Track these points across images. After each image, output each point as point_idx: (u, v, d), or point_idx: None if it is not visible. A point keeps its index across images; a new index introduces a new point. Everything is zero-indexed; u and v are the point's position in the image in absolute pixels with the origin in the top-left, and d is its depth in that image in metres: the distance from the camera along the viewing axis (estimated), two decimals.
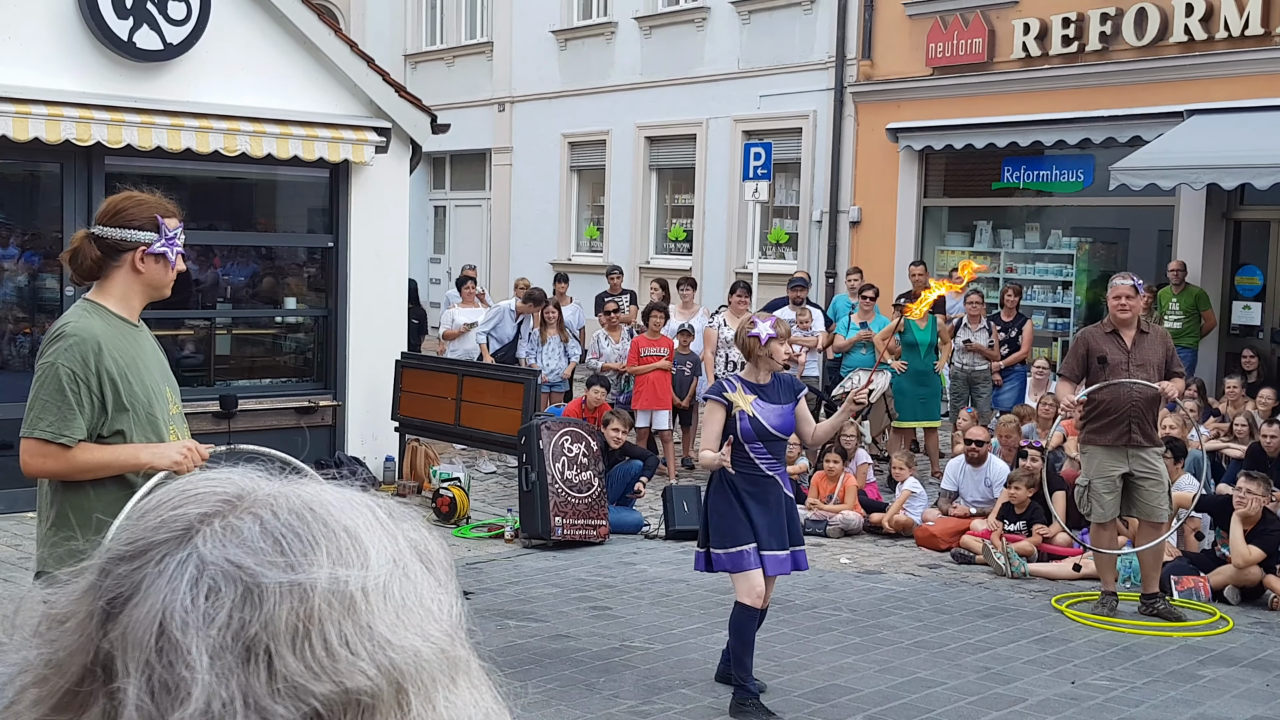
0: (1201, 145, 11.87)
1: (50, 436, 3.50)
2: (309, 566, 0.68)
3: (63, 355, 3.53)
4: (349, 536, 0.70)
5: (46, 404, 3.52)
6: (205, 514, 0.70)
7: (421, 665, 0.69)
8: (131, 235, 3.61)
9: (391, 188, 10.72)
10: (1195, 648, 6.90)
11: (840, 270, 15.37)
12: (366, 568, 0.70)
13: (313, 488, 0.73)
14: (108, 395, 3.57)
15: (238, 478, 0.74)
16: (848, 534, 9.49)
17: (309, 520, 0.70)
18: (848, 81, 15.56)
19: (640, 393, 11.24)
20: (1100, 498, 7.40)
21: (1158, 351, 7.41)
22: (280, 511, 0.70)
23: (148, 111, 9.18)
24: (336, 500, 0.73)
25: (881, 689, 6.02)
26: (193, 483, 0.73)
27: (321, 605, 0.67)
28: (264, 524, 0.69)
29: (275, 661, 0.65)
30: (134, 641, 0.66)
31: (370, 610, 0.69)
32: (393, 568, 0.71)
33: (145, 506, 0.73)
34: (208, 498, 0.72)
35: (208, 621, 0.66)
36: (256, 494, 0.72)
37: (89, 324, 3.59)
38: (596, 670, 6.14)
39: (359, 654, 0.67)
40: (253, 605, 0.66)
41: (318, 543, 0.69)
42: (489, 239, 20.87)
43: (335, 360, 10.57)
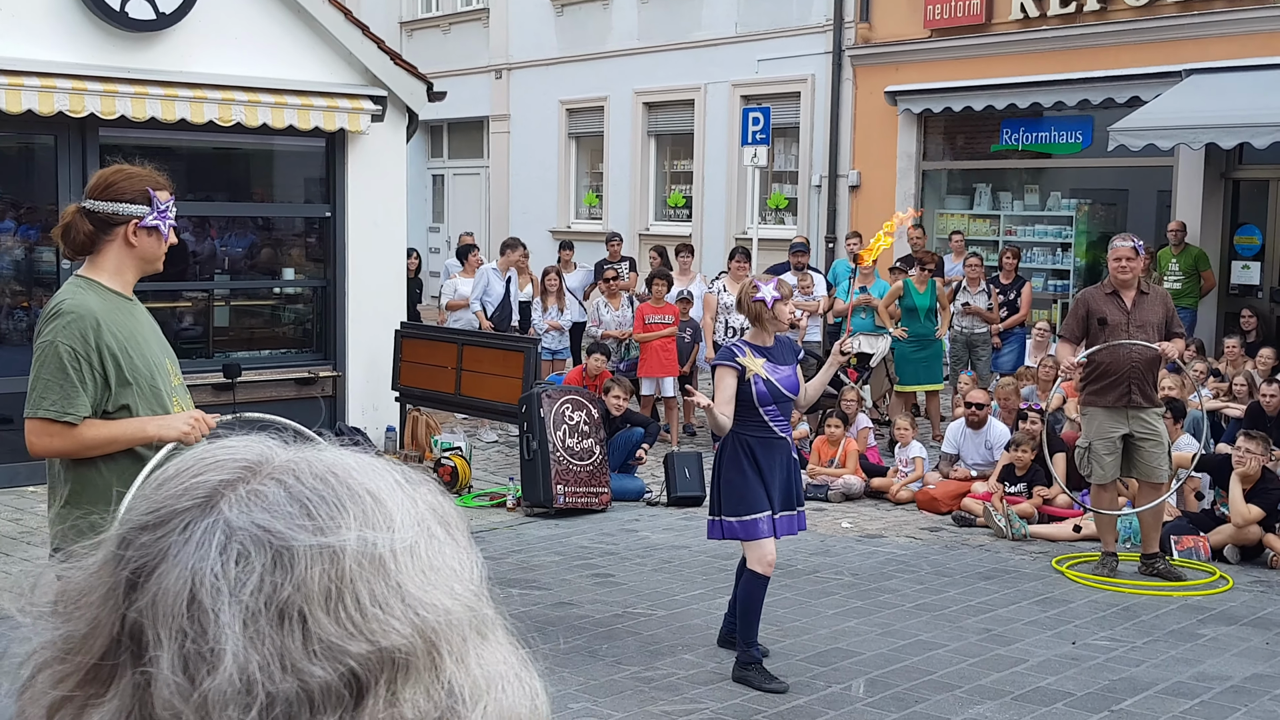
0: (1200, 105, 11.82)
1: (55, 415, 3.50)
2: (337, 529, 0.68)
3: (61, 333, 3.51)
4: (373, 500, 0.71)
5: (49, 383, 3.51)
6: (227, 480, 0.70)
7: (452, 623, 0.70)
8: (123, 209, 3.59)
9: (388, 156, 10.68)
10: (1195, 607, 6.93)
11: (840, 235, 15.34)
12: (393, 529, 0.70)
13: (331, 453, 0.74)
14: (110, 371, 3.56)
15: (255, 444, 0.74)
16: (849, 498, 9.51)
17: (333, 484, 0.71)
18: (846, 45, 15.47)
19: (646, 360, 11.23)
20: (1100, 459, 7.41)
21: (1158, 312, 7.41)
22: (304, 476, 0.71)
23: (141, 82, 9.14)
24: (357, 465, 0.73)
25: (883, 652, 6.06)
26: (211, 450, 0.73)
27: (352, 567, 0.68)
28: (289, 489, 0.70)
29: (310, 623, 0.66)
30: (164, 610, 0.66)
31: (400, 570, 0.69)
32: (417, 529, 0.72)
33: (164, 475, 0.73)
34: (228, 464, 0.72)
35: (239, 586, 0.66)
36: (276, 460, 0.72)
37: (85, 300, 3.58)
38: (599, 637, 6.17)
39: (392, 613, 0.68)
40: (284, 569, 0.67)
41: (344, 506, 0.70)
42: (488, 207, 20.81)
43: (335, 331, 10.56)
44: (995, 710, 5.36)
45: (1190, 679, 5.77)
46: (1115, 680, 5.73)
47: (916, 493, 9.42)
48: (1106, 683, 5.70)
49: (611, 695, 5.40)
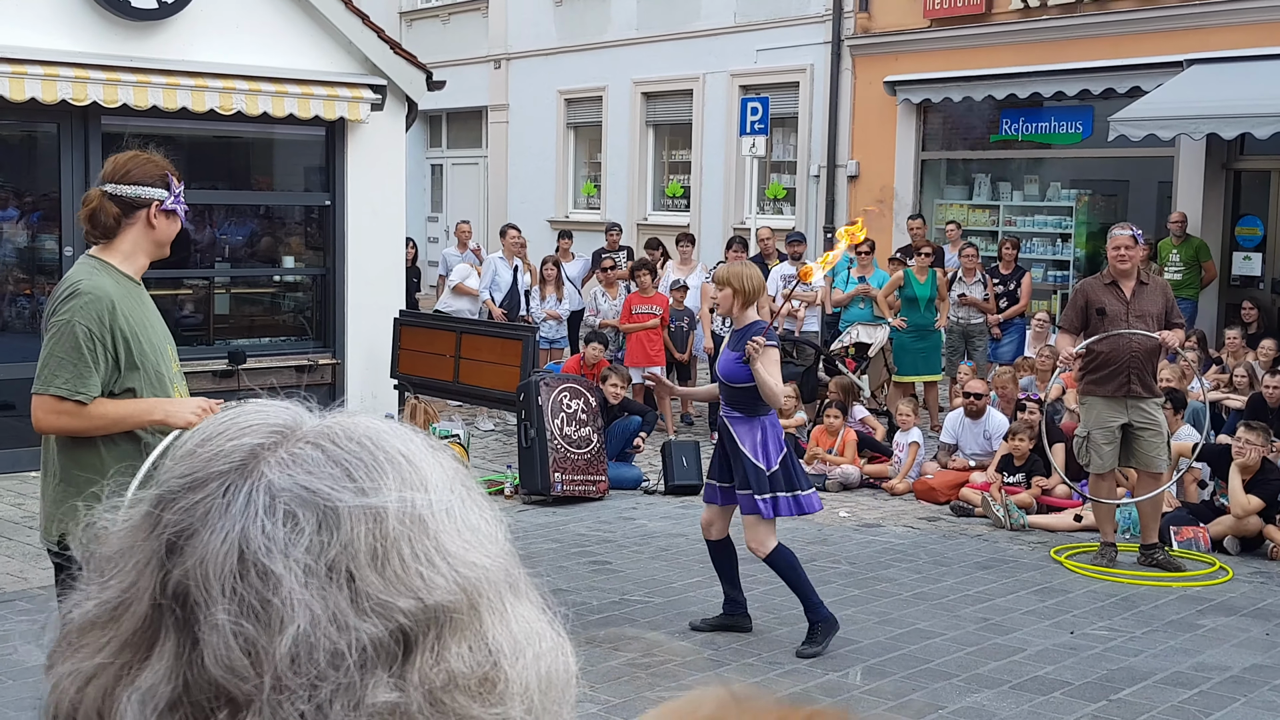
0: (1201, 95, 11.81)
1: (66, 394, 3.53)
2: (378, 491, 0.70)
3: (79, 313, 3.56)
4: (408, 463, 0.72)
5: (62, 361, 3.54)
6: (264, 443, 0.71)
7: (490, 580, 0.72)
8: (145, 192, 3.68)
9: (388, 145, 10.68)
10: (1194, 597, 6.95)
11: (838, 225, 15.33)
12: (429, 491, 0.72)
13: (361, 418, 0.75)
14: (120, 353, 3.61)
15: (286, 408, 0.75)
16: (847, 487, 9.53)
17: (369, 448, 0.72)
18: (845, 34, 15.45)
19: (631, 350, 11.24)
20: (1099, 448, 7.42)
21: (1157, 302, 7.41)
22: (340, 440, 0.72)
23: (144, 71, 9.13)
24: (388, 429, 0.75)
25: (881, 640, 6.07)
26: (243, 414, 0.74)
27: (395, 526, 0.69)
28: (327, 452, 0.71)
29: (358, 581, 0.67)
30: (215, 572, 0.66)
31: (440, 529, 0.71)
32: (451, 491, 0.74)
33: (194, 442, 0.73)
34: (262, 427, 0.73)
35: (292, 545, 0.67)
36: (309, 424, 0.73)
37: (101, 282, 3.63)
38: (596, 624, 6.18)
39: (436, 570, 0.69)
40: (330, 528, 0.68)
41: (383, 469, 0.71)
42: (486, 197, 20.80)
43: (334, 318, 10.57)
44: (993, 699, 5.38)
45: (1189, 669, 5.79)
46: (1114, 670, 5.75)
47: (914, 482, 9.44)
48: (1105, 672, 5.72)
49: (608, 682, 5.42)
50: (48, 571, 6.64)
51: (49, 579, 6.52)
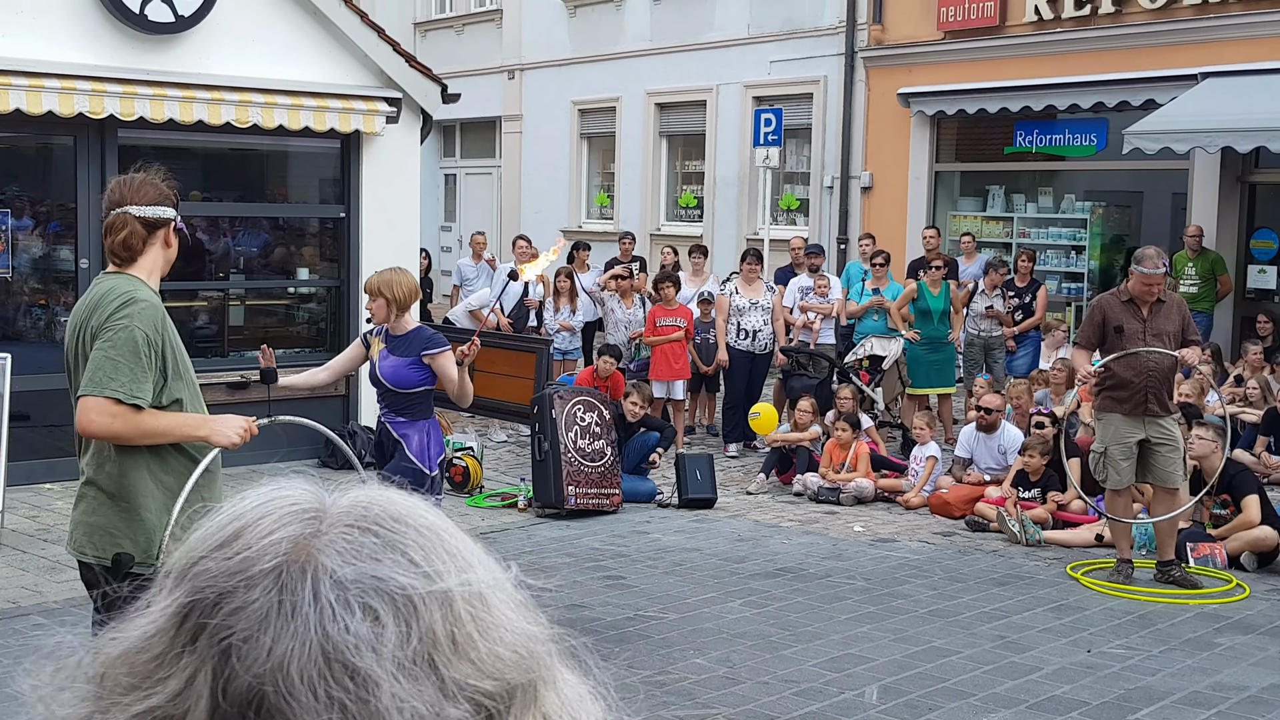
0: (1216, 108, 11.78)
1: (124, 397, 3.56)
2: (440, 572, 0.69)
3: (138, 320, 3.61)
4: (442, 538, 0.72)
5: (119, 365, 3.57)
6: (304, 533, 0.69)
7: (545, 649, 0.72)
8: (164, 212, 3.78)
9: (403, 157, 10.70)
10: (1211, 615, 6.91)
11: (852, 236, 15.33)
12: (475, 565, 0.72)
13: (382, 494, 0.74)
14: (169, 363, 3.69)
15: (301, 490, 0.73)
16: (861, 502, 9.50)
17: (414, 525, 0.71)
18: (859, 46, 15.45)
19: (655, 363, 11.23)
20: (1116, 464, 7.39)
21: (1174, 320, 7.39)
22: (384, 521, 0.71)
23: (160, 84, 9.17)
24: (408, 503, 0.74)
25: (896, 658, 6.05)
26: (265, 501, 0.72)
27: (464, 609, 0.69)
28: (380, 537, 0.69)
29: (441, 668, 0.67)
30: (300, 675, 0.64)
31: (498, 603, 0.71)
32: (480, 554, 0.74)
33: (223, 535, 0.70)
34: (296, 514, 0.70)
35: (379, 641, 0.65)
36: (337, 505, 0.72)
37: (150, 294, 3.73)
38: (610, 640, 6.17)
39: (506, 644, 0.69)
40: (407, 618, 0.67)
41: (434, 547, 0.70)
42: (499, 207, 20.84)
43: (348, 330, 10.57)
44: (1010, 718, 5.35)
45: (1207, 689, 5.75)
46: (1131, 689, 5.72)
47: (929, 497, 9.41)
48: (1122, 691, 5.69)
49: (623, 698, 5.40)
50: (64, 585, 6.66)
51: (65, 592, 6.55)
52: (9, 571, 7.17)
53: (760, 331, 11.27)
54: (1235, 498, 7.97)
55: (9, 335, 9.43)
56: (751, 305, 11.30)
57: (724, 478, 10.04)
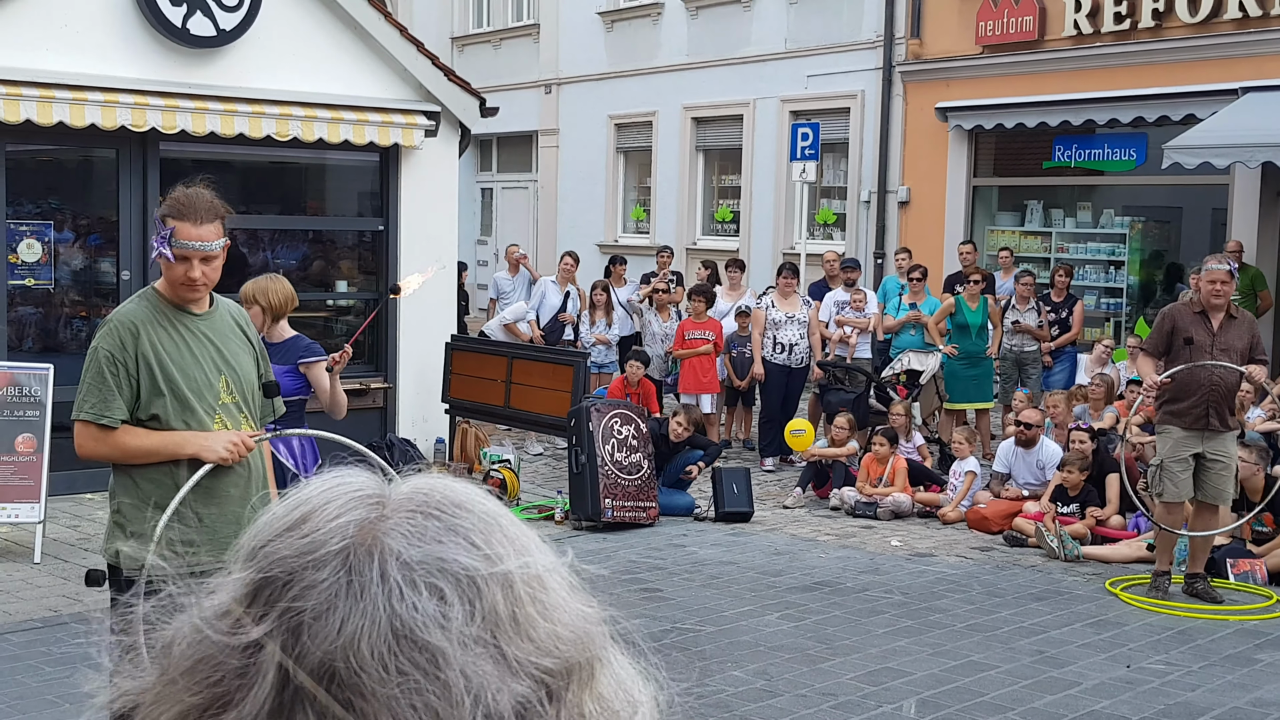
0: (1256, 123, 11.67)
1: (92, 418, 3.60)
2: (501, 554, 0.71)
3: (103, 339, 3.67)
4: (500, 524, 0.74)
5: (90, 386, 3.65)
6: (369, 517, 0.71)
7: (602, 629, 0.75)
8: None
9: (441, 171, 10.78)
10: (1251, 631, 6.83)
11: (889, 251, 15.28)
12: (531, 548, 0.74)
13: (440, 482, 0.76)
14: (143, 378, 3.66)
15: (364, 478, 0.75)
16: (898, 516, 9.46)
17: (475, 511, 0.73)
18: (896, 60, 15.43)
19: (684, 377, 11.23)
20: (1174, 477, 7.32)
21: (1243, 337, 7.32)
22: (445, 506, 0.73)
23: (201, 97, 9.29)
24: (471, 491, 0.76)
25: (934, 672, 6.02)
26: (328, 488, 0.74)
27: (523, 590, 0.71)
28: (444, 521, 0.72)
29: (504, 645, 0.69)
30: (371, 651, 0.66)
31: (554, 584, 0.73)
32: (533, 539, 0.75)
33: (291, 519, 0.72)
34: (360, 500, 0.73)
35: (446, 618, 0.68)
36: (397, 492, 0.74)
37: (132, 309, 3.73)
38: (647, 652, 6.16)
39: (564, 624, 0.72)
40: (471, 598, 0.69)
41: (493, 533, 0.72)
42: (536, 221, 20.92)
43: (386, 343, 10.66)
44: None
45: (1247, 704, 5.69)
46: (1170, 705, 5.66)
47: (967, 512, 9.36)
48: (1162, 707, 5.63)
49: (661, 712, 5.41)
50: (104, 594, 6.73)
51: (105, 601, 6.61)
52: (50, 580, 7.26)
53: (796, 345, 11.26)
54: (1277, 515, 7.87)
55: (51, 347, 9.55)
56: (788, 319, 11.29)
57: (760, 492, 10.02)
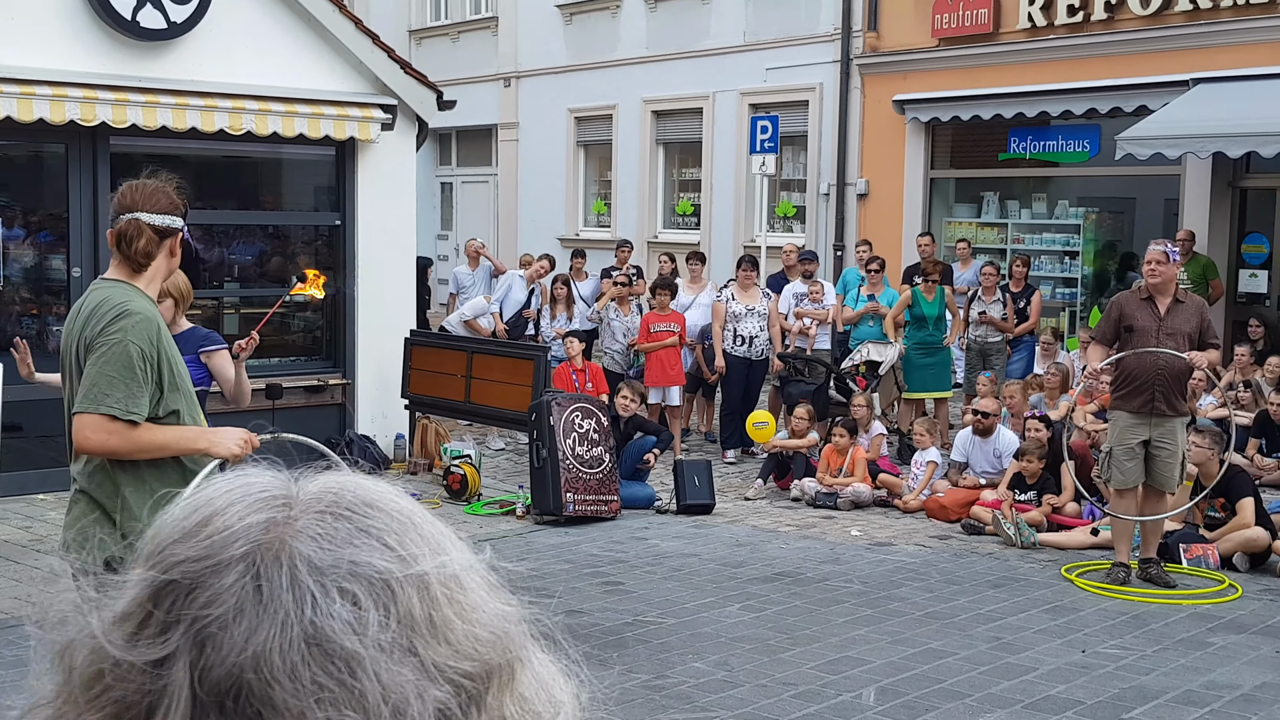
0: (1207, 114, 11.83)
1: (119, 413, 3.53)
2: (416, 556, 0.69)
3: (132, 333, 3.57)
4: (414, 523, 0.72)
5: (114, 380, 3.53)
6: (275, 518, 0.69)
7: (521, 629, 0.73)
8: (174, 221, 3.73)
9: (398, 165, 10.72)
10: (1204, 615, 6.93)
11: (848, 243, 15.36)
12: (448, 547, 0.72)
13: (351, 480, 0.73)
14: (165, 375, 3.64)
15: (269, 477, 0.73)
16: (858, 506, 9.52)
17: (386, 510, 0.71)
18: (854, 53, 15.50)
19: (650, 369, 11.24)
20: (1121, 465, 7.40)
21: (1191, 321, 7.36)
22: (357, 507, 0.70)
23: (152, 91, 9.19)
24: (384, 489, 0.74)
25: (893, 660, 6.07)
26: (230, 488, 0.71)
27: (440, 592, 0.69)
28: (354, 522, 0.69)
29: (421, 651, 0.67)
30: (283, 661, 0.64)
31: (474, 587, 0.72)
32: (449, 537, 0.74)
33: (191, 522, 0.69)
34: (263, 500, 0.70)
35: (362, 626, 0.65)
36: (306, 491, 0.71)
37: (146, 304, 3.67)
38: (609, 645, 6.18)
39: (483, 625, 0.70)
40: (388, 602, 0.67)
41: (407, 533, 0.70)
42: (496, 215, 20.86)
43: (344, 338, 10.60)
44: (1006, 718, 5.36)
45: (1200, 687, 5.77)
46: (1125, 688, 5.74)
47: (925, 500, 9.43)
48: (1116, 691, 5.70)
49: (623, 704, 5.42)
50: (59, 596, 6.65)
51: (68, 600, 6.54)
52: (2, 582, 7.17)
53: (757, 338, 11.30)
54: (1230, 500, 7.99)
55: (0, 345, 9.43)
56: (748, 311, 11.33)
57: (722, 484, 10.05)
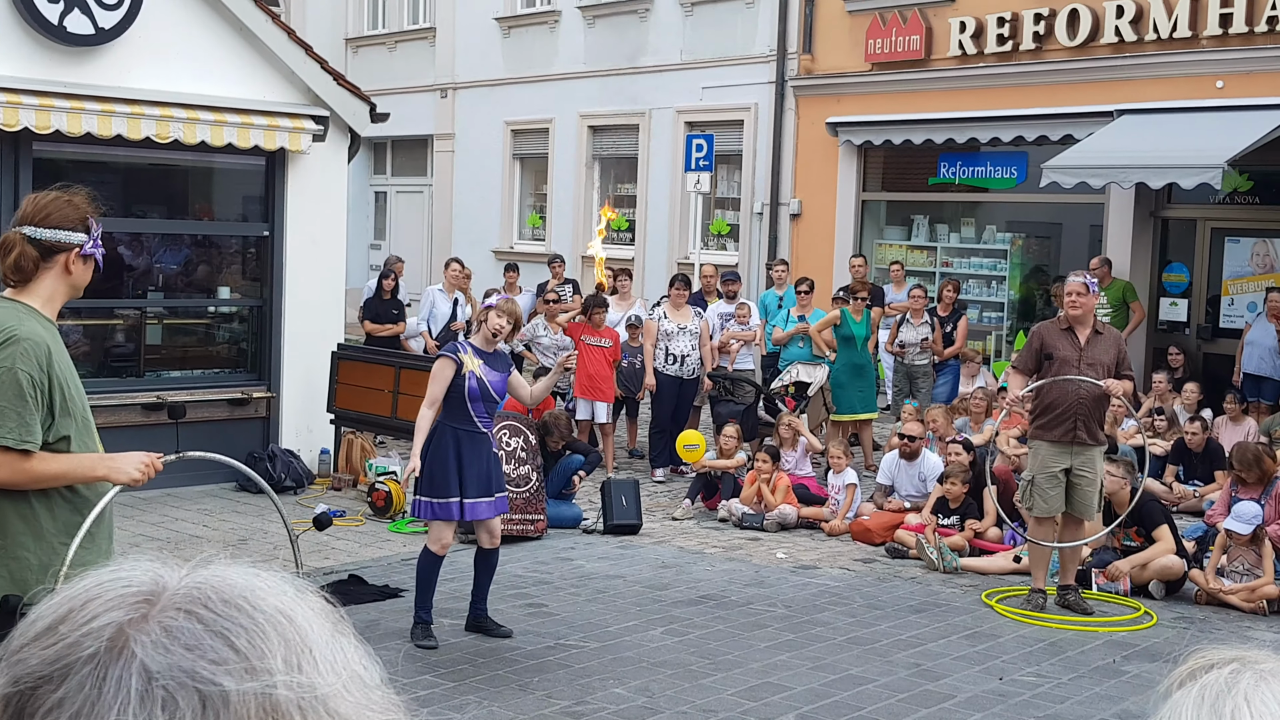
0: (1130, 145, 12.08)
1: (14, 443, 3.41)
2: (265, 660, 0.65)
3: (20, 359, 3.44)
4: (288, 621, 0.68)
5: (6, 410, 3.41)
6: (131, 618, 0.66)
7: None
8: (67, 237, 3.57)
9: (329, 176, 10.62)
10: (1119, 643, 7.05)
11: None
12: (314, 651, 0.68)
13: (230, 572, 0.71)
14: (56, 400, 3.51)
15: (145, 569, 0.70)
16: (784, 528, 9.56)
17: (247, 610, 0.68)
18: (789, 75, 15.63)
19: (578, 381, 11.13)
20: (1044, 493, 7.50)
21: (1110, 352, 7.51)
22: (214, 604, 0.67)
23: (78, 97, 9.02)
24: (261, 584, 0.70)
25: (813, 686, 6.10)
26: (99, 584, 0.69)
27: (285, 694, 0.65)
28: (204, 620, 0.66)
29: None
30: None
31: (333, 695, 0.67)
32: (332, 642, 0.70)
33: (52, 617, 0.67)
34: (125, 599, 0.67)
35: None
36: (173, 587, 0.68)
37: (34, 327, 3.53)
38: (530, 670, 6.15)
39: None
40: (214, 712, 0.63)
41: (265, 633, 0.67)
42: (430, 226, 20.74)
43: (270, 351, 10.46)
44: None
45: (1113, 716, 5.86)
46: (1040, 717, 5.81)
47: (851, 524, 9.50)
48: (1032, 719, 5.78)
49: None
50: None
51: None
52: None
53: (689, 357, 11.32)
54: (1146, 529, 8.13)
55: None
56: (680, 330, 11.35)
57: (650, 503, 10.05)
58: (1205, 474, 10.19)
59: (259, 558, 3.67)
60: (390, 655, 6.15)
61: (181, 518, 9.10)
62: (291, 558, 3.83)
